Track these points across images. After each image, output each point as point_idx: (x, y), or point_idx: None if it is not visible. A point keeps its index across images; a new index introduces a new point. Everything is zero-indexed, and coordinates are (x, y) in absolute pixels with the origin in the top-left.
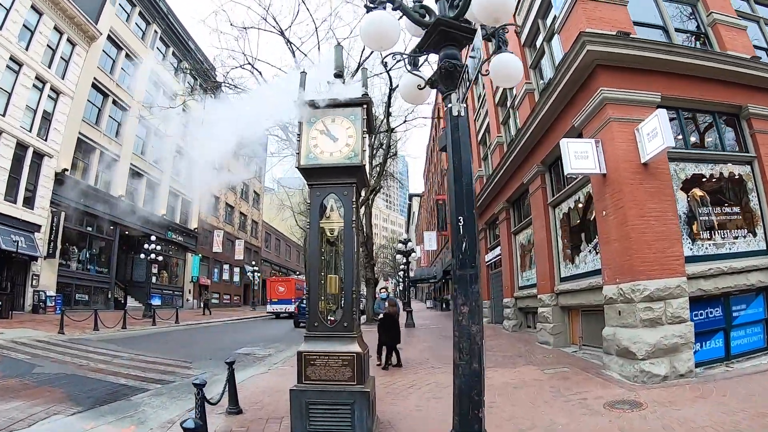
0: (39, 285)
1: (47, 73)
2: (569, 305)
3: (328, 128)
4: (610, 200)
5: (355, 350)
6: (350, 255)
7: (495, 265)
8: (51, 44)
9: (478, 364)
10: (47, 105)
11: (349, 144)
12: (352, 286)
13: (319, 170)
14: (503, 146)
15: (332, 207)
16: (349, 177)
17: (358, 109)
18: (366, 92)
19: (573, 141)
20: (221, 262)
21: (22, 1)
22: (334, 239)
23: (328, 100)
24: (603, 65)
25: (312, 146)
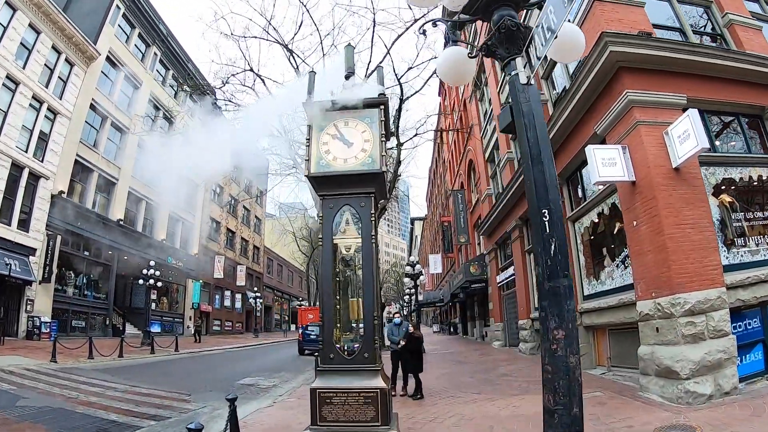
0: (33, 310)
1: (44, 93)
2: (595, 324)
3: (342, 132)
4: (642, 209)
5: (379, 385)
6: (370, 275)
7: (507, 286)
8: (49, 63)
9: (578, 408)
10: (44, 125)
11: (365, 149)
12: (373, 310)
13: (332, 179)
14: (514, 162)
15: (348, 221)
16: (366, 185)
17: (375, 111)
18: (383, 92)
19: (600, 148)
20: (223, 288)
21: (20, 19)
22: (350, 258)
23: (341, 101)
24: (626, 67)
25: (323, 152)
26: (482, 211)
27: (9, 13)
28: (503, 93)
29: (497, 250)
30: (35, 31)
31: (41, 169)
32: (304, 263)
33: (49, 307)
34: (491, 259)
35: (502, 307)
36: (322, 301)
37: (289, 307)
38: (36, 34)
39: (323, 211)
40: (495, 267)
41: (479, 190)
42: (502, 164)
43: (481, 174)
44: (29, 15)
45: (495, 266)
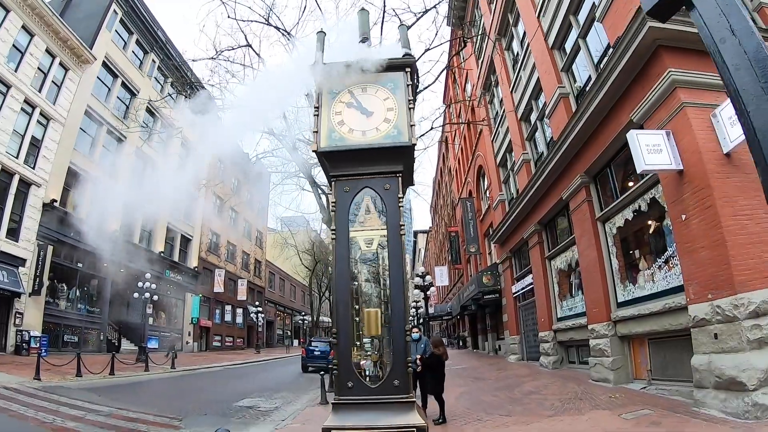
0: (23, 324)
1: (37, 98)
2: (632, 334)
3: (359, 100)
4: (692, 200)
5: (416, 423)
6: (399, 276)
7: (524, 296)
8: (42, 67)
9: None
10: (36, 131)
11: (388, 119)
12: (404, 322)
13: (348, 155)
14: (530, 164)
15: (368, 208)
16: (391, 162)
17: (399, 74)
18: (409, 52)
19: (643, 132)
20: (223, 302)
21: (13, 20)
22: (373, 255)
23: (357, 63)
24: (665, 46)
25: (336, 123)
26: (494, 218)
27: (2, 14)
28: (516, 92)
29: (512, 258)
30: (29, 34)
31: (32, 177)
32: (306, 277)
33: (40, 321)
34: (505, 268)
35: (518, 319)
36: (336, 313)
37: (292, 322)
38: (29, 37)
39: (336, 195)
40: (509, 276)
41: (491, 197)
42: (518, 167)
43: (493, 180)
44: (22, 16)
45: (509, 276)
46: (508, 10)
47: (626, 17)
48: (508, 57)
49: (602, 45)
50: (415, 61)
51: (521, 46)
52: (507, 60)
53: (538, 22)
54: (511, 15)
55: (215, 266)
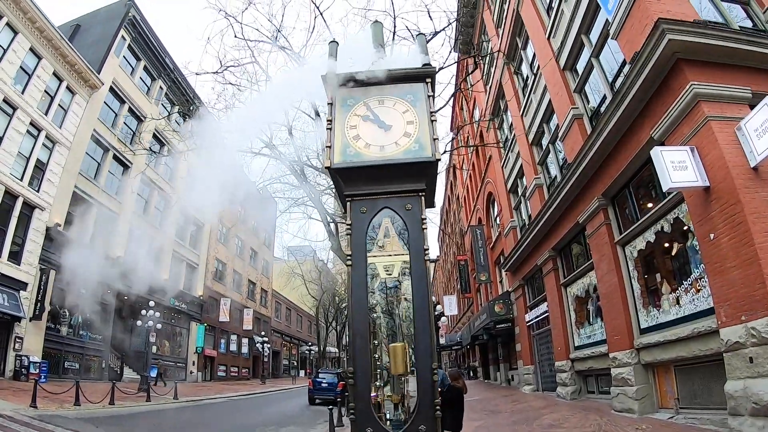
0: (22, 349)
1: (43, 120)
2: (657, 361)
3: (375, 112)
4: (720, 218)
5: None
6: (424, 306)
7: (538, 325)
8: (49, 90)
9: None
10: (42, 154)
11: (409, 133)
12: (431, 359)
13: (365, 172)
14: (543, 188)
15: (387, 230)
16: (413, 180)
17: (419, 85)
18: (428, 62)
19: (668, 149)
20: (228, 332)
21: (21, 42)
22: (394, 284)
23: (373, 73)
24: (685, 59)
25: (351, 138)
26: (505, 245)
27: (9, 36)
28: (527, 116)
29: (525, 286)
30: (36, 56)
31: (36, 200)
32: (313, 307)
33: (40, 347)
34: (518, 296)
35: (532, 348)
36: (352, 348)
37: (298, 353)
38: (37, 59)
39: (352, 217)
40: (522, 305)
41: (501, 224)
42: (530, 192)
43: (503, 206)
44: (31, 39)
45: (522, 304)
46: (516, 33)
47: (643, 32)
48: (517, 81)
49: (617, 63)
50: (435, 72)
51: (531, 68)
52: (516, 84)
53: (548, 43)
54: (520, 38)
55: (221, 295)
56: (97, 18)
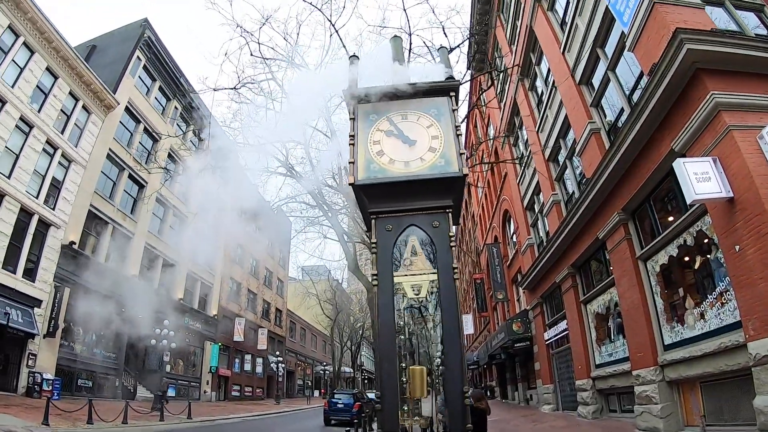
0: (36, 366)
1: (59, 139)
2: (682, 378)
3: (399, 127)
4: (745, 229)
5: None
6: (454, 326)
7: (558, 343)
8: (65, 110)
9: None
10: (57, 172)
11: (434, 148)
12: (461, 382)
13: (390, 188)
14: (560, 205)
15: (414, 249)
16: (440, 197)
17: (443, 99)
18: (451, 75)
19: (691, 161)
20: (243, 351)
21: (38, 62)
22: (422, 303)
23: (395, 87)
24: (704, 69)
25: (374, 153)
26: (522, 263)
27: (27, 55)
28: (543, 132)
29: (543, 304)
30: (53, 76)
31: (52, 217)
32: (328, 327)
33: (53, 364)
34: (536, 314)
35: (551, 367)
36: (379, 371)
37: (312, 372)
38: (53, 79)
39: (377, 235)
40: (541, 323)
41: (518, 242)
42: (547, 209)
43: (520, 223)
44: (47, 58)
45: (541, 322)
46: (530, 49)
47: (660, 43)
48: (532, 96)
49: (633, 75)
50: (459, 85)
51: (545, 84)
52: (531, 99)
53: (563, 58)
54: (534, 54)
55: (235, 314)
56: (113, 39)
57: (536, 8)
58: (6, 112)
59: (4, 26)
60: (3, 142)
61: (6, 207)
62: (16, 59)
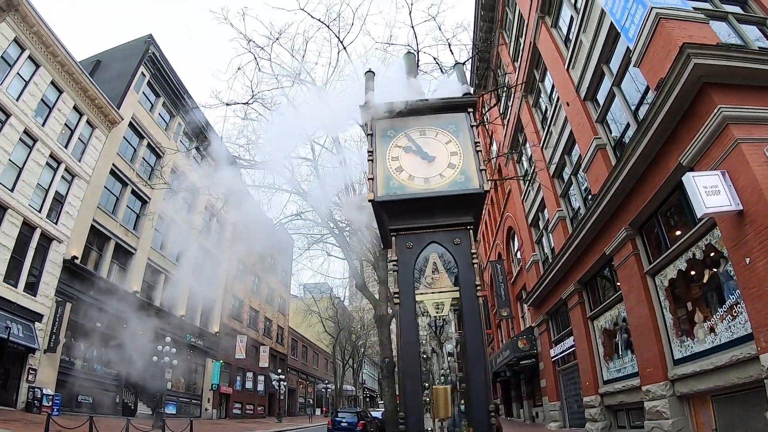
0: (36, 381)
1: (63, 153)
2: (693, 392)
3: (417, 144)
4: (755, 241)
5: None
6: (478, 343)
7: (564, 360)
8: (69, 124)
9: None
10: (60, 187)
11: (453, 164)
12: (486, 400)
13: (410, 205)
14: (566, 221)
15: (435, 266)
16: (461, 213)
17: (461, 115)
18: (469, 91)
19: (700, 175)
20: (244, 369)
21: (43, 75)
22: (444, 321)
23: (413, 103)
24: (711, 83)
25: (393, 169)
26: (527, 280)
27: (32, 68)
28: (547, 148)
29: (548, 321)
30: (57, 90)
31: (54, 232)
32: (330, 345)
33: (53, 379)
34: (542, 331)
35: (558, 384)
36: (402, 391)
37: (314, 391)
38: (58, 93)
39: (398, 252)
40: (547, 340)
41: (523, 258)
42: (552, 225)
43: (524, 240)
44: (52, 72)
45: (547, 339)
46: (533, 66)
47: (667, 58)
48: (536, 113)
49: (639, 90)
50: (476, 100)
51: (550, 100)
52: (535, 116)
53: (567, 74)
54: (537, 71)
55: (237, 332)
56: (117, 54)
57: (540, 25)
58: (10, 125)
59: (10, 39)
60: (7, 155)
61: (8, 220)
62: (21, 72)
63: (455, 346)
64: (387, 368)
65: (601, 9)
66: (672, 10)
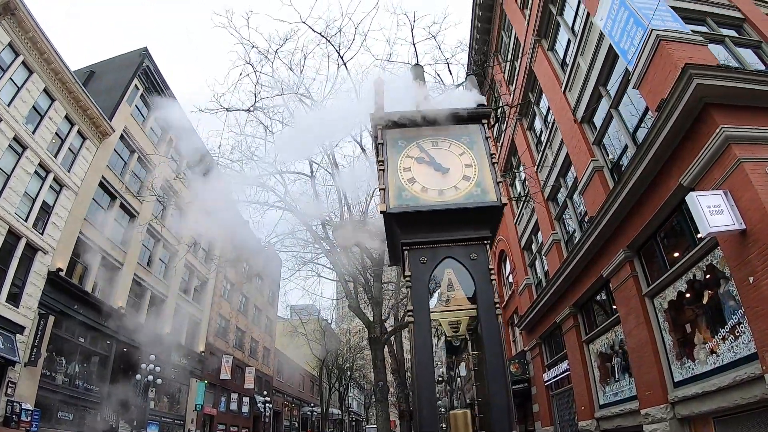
0: (15, 395)
1: (52, 163)
2: (694, 414)
3: (430, 154)
4: (759, 260)
5: None
6: (498, 364)
7: (558, 384)
8: (60, 133)
9: None
10: (48, 197)
11: (468, 176)
12: (509, 426)
13: (424, 217)
14: (560, 244)
15: (451, 283)
16: (478, 227)
17: (475, 127)
18: (483, 102)
19: (704, 194)
20: (230, 390)
21: (36, 82)
22: (462, 341)
23: (426, 113)
24: (712, 103)
25: (405, 180)
26: (519, 304)
27: (25, 75)
28: (542, 171)
29: (542, 345)
30: (50, 98)
31: (40, 242)
32: (316, 367)
33: (33, 393)
34: (534, 355)
35: (551, 409)
36: (418, 418)
37: (300, 413)
38: (50, 101)
39: (411, 268)
40: (540, 364)
41: (515, 282)
42: (546, 248)
43: (517, 264)
44: (46, 80)
45: (540, 363)
46: (529, 89)
47: (667, 78)
48: (530, 136)
49: (638, 112)
50: (491, 112)
51: (545, 123)
52: (530, 139)
53: (564, 97)
54: (533, 94)
55: (223, 352)
56: (112, 66)
57: (536, 48)
58: (0, 131)
59: (5, 43)
60: None
61: None
62: (14, 78)
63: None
64: (381, 392)
65: (599, 32)
66: (672, 32)
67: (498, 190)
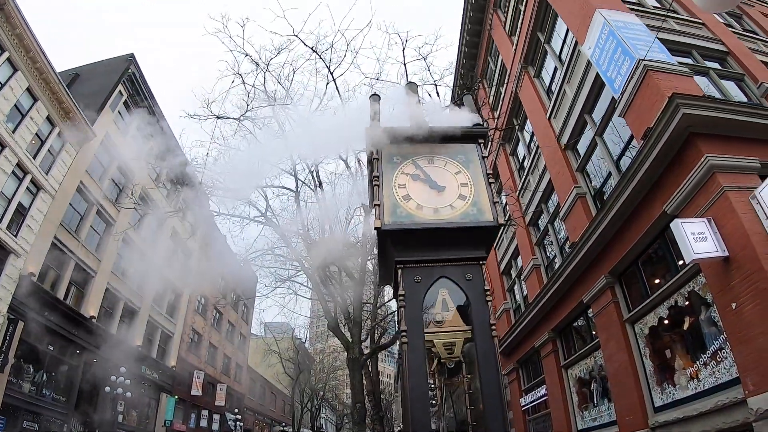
0: None
1: (31, 164)
2: None
3: (426, 172)
4: (742, 286)
5: None
6: (495, 387)
7: (534, 409)
8: (41, 134)
9: None
10: (24, 198)
11: (464, 195)
12: None
13: (419, 235)
14: (540, 269)
15: (446, 303)
16: (473, 247)
17: (471, 146)
18: (479, 122)
19: (688, 221)
20: (200, 406)
21: (19, 80)
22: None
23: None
24: (697, 133)
25: (400, 197)
26: (497, 328)
27: (9, 71)
28: (524, 197)
29: (519, 369)
30: (33, 97)
31: (13, 244)
32: (289, 386)
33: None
34: (511, 380)
35: None
36: None
37: None
38: (33, 101)
39: (405, 287)
40: (517, 389)
41: (493, 306)
42: (526, 273)
43: (495, 288)
44: (29, 78)
45: (517, 388)
46: (513, 114)
47: (653, 108)
48: (513, 161)
49: (622, 140)
50: (488, 132)
51: (528, 149)
52: (512, 164)
53: (549, 124)
54: (517, 119)
55: (194, 367)
56: (97, 70)
57: (522, 75)
58: None
59: None
60: None
61: None
62: None
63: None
64: (358, 414)
65: (586, 60)
66: (659, 63)
67: (494, 211)
